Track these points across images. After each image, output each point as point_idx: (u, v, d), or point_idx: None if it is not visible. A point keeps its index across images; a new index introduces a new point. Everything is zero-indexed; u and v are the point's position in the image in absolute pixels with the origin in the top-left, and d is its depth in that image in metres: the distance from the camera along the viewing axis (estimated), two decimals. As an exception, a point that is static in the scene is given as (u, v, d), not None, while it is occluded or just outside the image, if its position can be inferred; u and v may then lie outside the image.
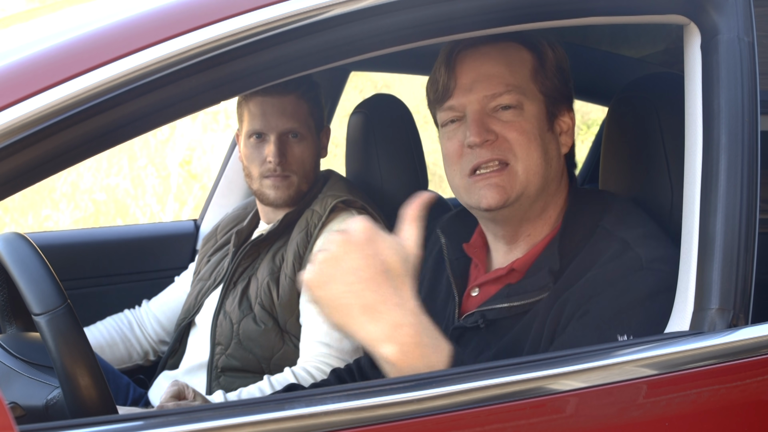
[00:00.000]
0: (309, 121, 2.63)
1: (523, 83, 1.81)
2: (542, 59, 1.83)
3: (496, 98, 1.79)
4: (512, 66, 1.81)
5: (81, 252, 3.18)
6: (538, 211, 1.83)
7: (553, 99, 1.83)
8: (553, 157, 1.82)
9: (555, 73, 1.84)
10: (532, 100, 1.80)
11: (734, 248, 1.60)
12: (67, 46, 1.42)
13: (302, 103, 2.61)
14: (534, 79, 1.82)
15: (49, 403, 1.75)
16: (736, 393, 1.64)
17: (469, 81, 1.81)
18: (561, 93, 1.85)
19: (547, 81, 1.83)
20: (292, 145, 2.60)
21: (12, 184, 1.35)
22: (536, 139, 1.78)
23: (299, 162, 2.60)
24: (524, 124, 1.78)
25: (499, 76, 1.80)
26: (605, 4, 1.67)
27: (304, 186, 2.63)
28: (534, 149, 1.78)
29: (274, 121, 2.58)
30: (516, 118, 1.78)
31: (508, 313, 1.78)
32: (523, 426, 1.51)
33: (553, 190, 1.84)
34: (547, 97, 1.82)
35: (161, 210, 7.24)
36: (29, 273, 1.73)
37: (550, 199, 1.84)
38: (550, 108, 1.83)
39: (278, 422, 1.39)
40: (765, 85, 1.68)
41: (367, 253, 1.42)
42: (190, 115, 1.55)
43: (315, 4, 1.47)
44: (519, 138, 1.77)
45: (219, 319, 2.61)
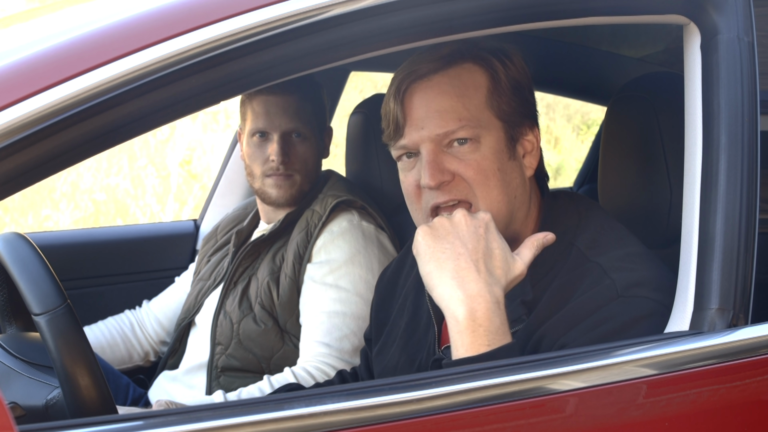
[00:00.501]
0: (312, 121, 2.63)
1: (477, 113, 1.71)
2: (496, 81, 1.73)
3: (449, 135, 1.70)
4: (465, 96, 1.71)
5: (81, 252, 3.19)
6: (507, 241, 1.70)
7: (512, 122, 1.73)
8: (517, 185, 1.74)
9: (511, 94, 1.74)
10: (488, 130, 1.71)
11: (734, 248, 1.60)
12: (67, 46, 1.42)
13: (305, 104, 2.61)
14: (489, 105, 1.72)
15: (49, 403, 1.75)
16: (736, 393, 1.64)
17: (420, 118, 1.72)
18: (520, 113, 1.75)
19: (503, 104, 1.72)
20: (295, 144, 2.60)
21: (12, 184, 1.35)
22: (495, 174, 1.70)
23: (302, 161, 2.61)
24: (481, 161, 1.70)
25: (451, 110, 1.70)
26: (605, 4, 1.67)
27: (306, 186, 2.63)
28: (494, 186, 1.70)
29: (278, 120, 2.58)
30: (472, 154, 1.70)
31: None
32: (523, 426, 1.51)
33: (522, 217, 1.77)
34: (505, 122, 1.72)
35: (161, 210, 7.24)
36: (29, 273, 1.73)
37: (519, 227, 1.77)
38: (509, 132, 1.73)
39: (278, 422, 1.39)
40: (765, 85, 1.68)
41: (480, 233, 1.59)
42: (190, 115, 1.56)
43: (315, 4, 1.47)
44: (476, 177, 1.70)
45: (219, 319, 2.61)
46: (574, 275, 1.69)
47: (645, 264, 1.71)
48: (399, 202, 2.80)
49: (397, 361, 1.92)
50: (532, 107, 1.79)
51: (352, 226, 2.54)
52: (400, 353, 1.93)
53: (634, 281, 1.66)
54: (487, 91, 1.73)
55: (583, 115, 9.45)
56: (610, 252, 1.71)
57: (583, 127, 9.36)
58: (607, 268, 1.68)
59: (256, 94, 2.60)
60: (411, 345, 1.91)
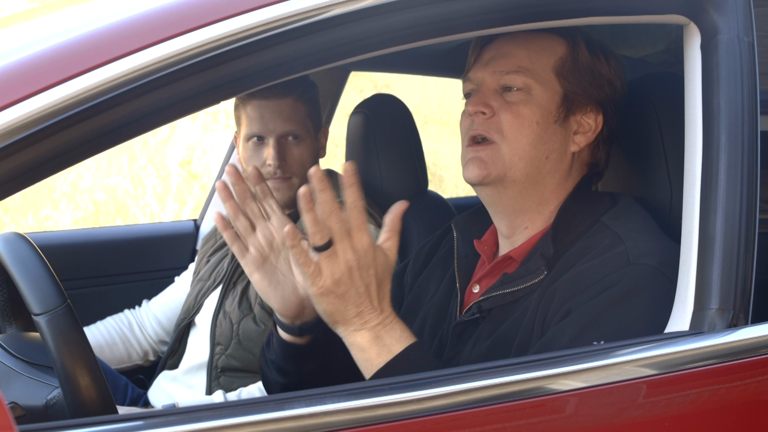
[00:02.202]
0: (307, 122, 2.62)
1: (540, 69, 1.80)
2: (574, 56, 1.82)
3: (503, 76, 1.80)
4: (535, 51, 1.82)
5: (81, 252, 3.19)
6: (533, 203, 1.82)
7: (574, 94, 1.81)
8: (553, 149, 1.80)
9: (584, 73, 1.82)
10: (544, 87, 1.80)
11: (734, 248, 1.60)
12: (67, 46, 1.42)
13: (300, 105, 2.61)
14: (556, 70, 1.81)
15: (49, 403, 1.75)
16: (736, 393, 1.64)
17: (488, 57, 1.84)
18: (586, 93, 1.82)
19: (570, 76, 1.81)
20: (291, 147, 2.59)
21: (12, 184, 1.35)
22: (532, 126, 1.77)
23: (299, 163, 2.60)
24: (523, 109, 1.78)
25: (514, 56, 1.81)
26: (605, 4, 1.67)
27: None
28: (525, 135, 1.77)
29: (272, 124, 2.57)
30: (518, 100, 1.78)
31: (502, 301, 1.78)
32: (523, 426, 1.51)
33: (553, 185, 1.82)
34: (567, 90, 1.81)
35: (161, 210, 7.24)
36: (29, 273, 1.72)
37: (549, 193, 1.83)
38: (567, 103, 1.81)
39: (278, 422, 1.39)
40: (765, 85, 1.68)
41: (364, 262, 1.59)
42: (190, 115, 1.55)
43: (315, 4, 1.47)
44: (512, 120, 1.77)
45: (219, 319, 2.61)
46: (594, 240, 1.75)
47: (660, 238, 1.75)
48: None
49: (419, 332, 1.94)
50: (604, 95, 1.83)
51: (352, 226, 2.54)
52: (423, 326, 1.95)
53: (648, 250, 1.70)
54: (560, 59, 1.82)
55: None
56: (629, 224, 1.76)
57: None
58: (623, 236, 1.73)
59: (249, 98, 2.59)
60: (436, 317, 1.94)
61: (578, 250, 1.74)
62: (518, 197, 1.82)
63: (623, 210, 1.81)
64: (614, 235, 1.74)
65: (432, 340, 1.92)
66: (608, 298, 1.66)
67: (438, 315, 1.94)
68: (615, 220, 1.78)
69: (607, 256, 1.70)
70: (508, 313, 1.77)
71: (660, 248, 1.71)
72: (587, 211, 1.81)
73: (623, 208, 1.81)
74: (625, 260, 1.69)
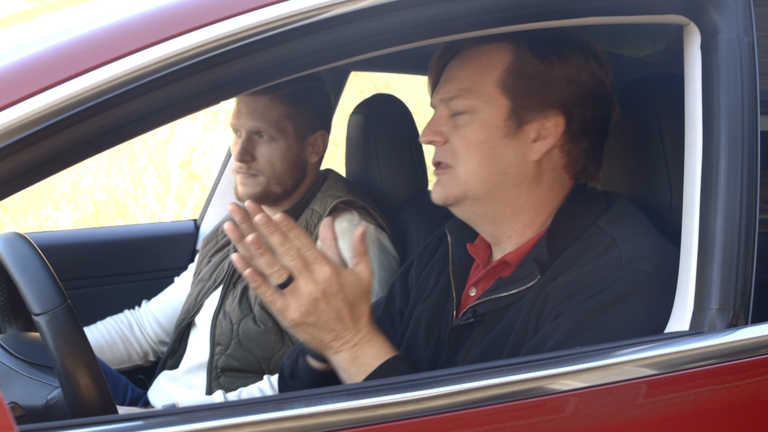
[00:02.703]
0: (284, 123, 2.58)
1: (482, 87, 1.79)
2: (519, 64, 1.79)
3: (449, 102, 1.82)
4: (477, 69, 1.81)
5: (81, 252, 3.18)
6: (508, 215, 1.82)
7: (526, 105, 1.78)
8: (509, 163, 1.78)
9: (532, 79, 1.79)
10: (489, 105, 1.78)
11: (734, 248, 1.60)
12: (67, 46, 1.42)
13: (276, 105, 2.57)
14: (502, 84, 1.78)
15: (49, 403, 1.75)
16: (736, 393, 1.64)
17: (441, 82, 1.87)
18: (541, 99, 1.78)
19: (518, 87, 1.78)
20: (260, 144, 2.58)
21: (12, 184, 1.35)
22: (479, 146, 1.78)
23: (267, 162, 2.57)
24: (468, 131, 1.79)
25: (457, 78, 1.82)
26: (605, 4, 1.67)
27: (275, 188, 2.60)
28: (474, 156, 1.78)
29: (243, 118, 2.59)
30: (464, 123, 1.79)
31: (497, 305, 1.78)
32: (523, 426, 1.51)
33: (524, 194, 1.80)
34: (514, 102, 1.78)
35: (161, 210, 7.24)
36: (29, 273, 1.72)
37: (524, 203, 1.81)
38: (516, 113, 1.78)
39: (278, 422, 1.39)
40: (765, 85, 1.68)
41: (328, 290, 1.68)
42: (190, 115, 1.56)
43: (315, 4, 1.47)
44: (460, 143, 1.79)
45: (219, 320, 2.61)
46: (588, 244, 1.74)
47: (656, 243, 1.74)
48: (399, 202, 2.81)
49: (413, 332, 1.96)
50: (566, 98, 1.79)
51: (352, 227, 2.54)
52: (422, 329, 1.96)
53: (642, 254, 1.69)
54: (503, 71, 1.79)
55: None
56: (625, 227, 1.75)
57: (583, 127, 9.35)
58: (618, 239, 1.72)
59: None
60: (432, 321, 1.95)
61: (573, 254, 1.74)
62: (488, 211, 1.83)
63: (620, 212, 1.80)
64: (610, 238, 1.73)
65: (428, 341, 1.92)
66: (599, 301, 1.65)
67: (433, 316, 1.95)
68: (611, 224, 1.77)
69: (601, 261, 1.70)
70: (501, 316, 1.77)
71: (655, 251, 1.71)
72: (583, 214, 1.80)
73: (620, 211, 1.80)
74: (619, 264, 1.68)
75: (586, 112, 1.82)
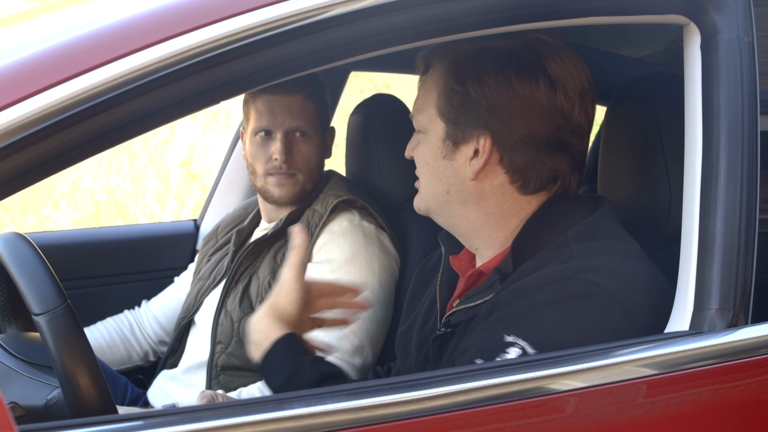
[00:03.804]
0: (315, 120, 2.64)
1: (428, 108, 1.82)
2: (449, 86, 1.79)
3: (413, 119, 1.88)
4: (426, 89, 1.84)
5: (81, 252, 3.18)
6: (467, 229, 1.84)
7: (455, 125, 1.78)
8: (451, 183, 1.80)
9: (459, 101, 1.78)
10: (433, 126, 1.81)
11: (734, 248, 1.60)
12: (67, 46, 1.42)
13: (309, 103, 2.62)
14: (438, 106, 1.80)
15: (49, 403, 1.75)
16: (736, 393, 1.64)
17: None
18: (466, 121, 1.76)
19: (447, 107, 1.79)
20: (298, 143, 2.60)
21: (12, 184, 1.35)
22: (426, 164, 1.84)
23: (305, 160, 2.61)
24: (419, 149, 1.85)
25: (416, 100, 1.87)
26: (605, 4, 1.67)
27: (308, 185, 2.63)
28: (424, 173, 1.85)
29: (281, 118, 2.59)
30: (418, 141, 1.86)
31: (465, 316, 1.78)
32: (523, 426, 1.51)
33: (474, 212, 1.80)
34: (448, 124, 1.79)
35: (161, 210, 7.23)
36: (29, 273, 1.72)
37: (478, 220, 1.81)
38: (451, 135, 1.79)
39: (278, 422, 1.39)
40: (765, 85, 1.68)
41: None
42: (190, 115, 1.56)
43: (315, 4, 1.47)
44: (417, 161, 1.87)
45: (220, 318, 2.61)
46: (548, 256, 1.72)
47: (620, 259, 1.70)
48: (399, 202, 2.80)
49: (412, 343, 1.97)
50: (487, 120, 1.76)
51: (352, 226, 2.54)
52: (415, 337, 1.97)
53: (592, 266, 1.66)
54: (438, 94, 1.82)
55: (583, 115, 9.44)
56: (591, 242, 1.72)
57: (583, 127, 9.35)
58: (576, 252, 1.70)
59: (260, 93, 2.61)
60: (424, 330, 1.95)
61: (530, 265, 1.72)
62: (450, 224, 1.88)
63: (593, 225, 1.75)
64: (569, 250, 1.70)
65: (419, 351, 1.92)
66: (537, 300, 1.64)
67: (423, 326, 1.95)
68: (578, 237, 1.73)
69: (552, 270, 1.67)
70: (469, 327, 1.77)
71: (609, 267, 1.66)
72: (555, 225, 1.76)
73: (594, 224, 1.76)
74: (565, 275, 1.66)
75: (516, 129, 1.76)
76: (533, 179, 1.79)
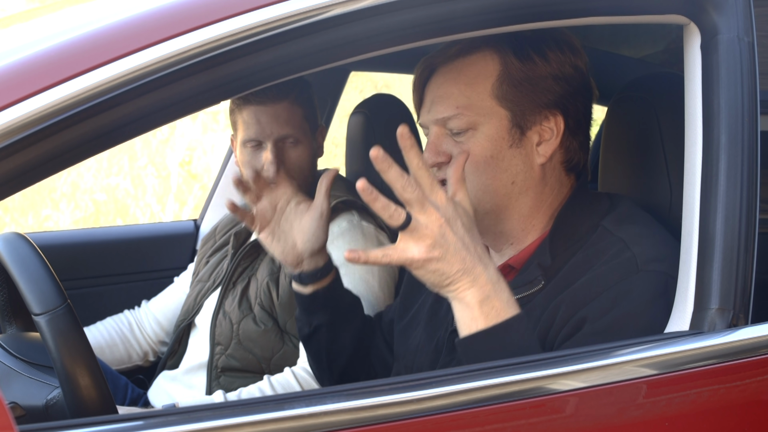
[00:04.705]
0: (304, 124, 2.60)
1: (478, 101, 1.77)
2: (508, 71, 1.77)
3: (447, 122, 1.78)
4: (468, 83, 1.78)
5: (81, 252, 3.19)
6: (515, 224, 1.81)
7: (521, 110, 1.77)
8: (517, 172, 1.77)
9: (523, 84, 1.77)
10: (488, 118, 1.76)
11: (734, 248, 1.60)
12: (67, 46, 1.42)
13: (296, 108, 2.58)
14: (495, 94, 1.77)
15: (49, 403, 1.75)
16: (736, 393, 1.64)
17: (429, 101, 1.83)
18: (537, 102, 1.77)
19: (510, 93, 1.77)
20: (288, 150, 2.57)
21: (12, 184, 1.35)
22: (487, 161, 1.76)
23: (297, 167, 2.58)
24: (474, 148, 1.76)
25: (450, 96, 1.78)
26: (605, 4, 1.67)
27: (303, 189, 2.62)
28: (483, 172, 1.76)
29: (269, 128, 2.55)
30: (468, 140, 1.77)
31: None
32: (523, 426, 1.51)
33: (531, 200, 1.80)
34: (510, 110, 1.77)
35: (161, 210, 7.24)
36: (29, 273, 1.73)
37: (528, 209, 1.80)
38: (515, 120, 1.77)
39: (278, 422, 1.39)
40: (765, 85, 1.68)
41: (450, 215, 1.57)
42: (190, 115, 1.56)
43: (315, 4, 1.47)
44: (468, 161, 1.75)
45: (219, 319, 2.61)
46: (598, 248, 1.73)
47: (665, 241, 1.74)
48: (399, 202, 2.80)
49: (419, 341, 1.96)
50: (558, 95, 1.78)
51: (352, 226, 2.54)
52: (422, 333, 1.96)
53: (655, 256, 1.68)
54: (496, 79, 1.78)
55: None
56: (632, 228, 1.74)
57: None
58: (629, 242, 1.71)
59: (245, 103, 2.56)
60: (432, 325, 1.95)
61: (582, 260, 1.72)
62: (495, 224, 1.82)
63: (625, 214, 1.79)
64: (619, 240, 1.72)
65: (429, 345, 1.91)
66: (626, 308, 1.64)
67: (437, 324, 1.93)
68: (617, 225, 1.76)
69: (614, 263, 1.68)
70: None
71: (668, 253, 1.69)
72: (584, 215, 1.79)
73: (625, 212, 1.79)
74: (634, 267, 1.67)
75: (578, 105, 1.82)
76: (576, 159, 1.84)
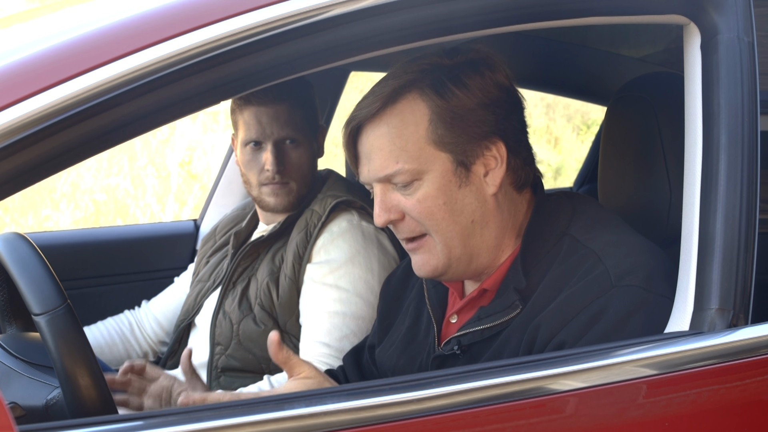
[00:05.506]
0: (304, 126, 2.60)
1: (416, 152, 1.71)
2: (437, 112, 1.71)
3: (391, 178, 1.73)
4: (404, 136, 1.72)
5: (81, 252, 3.18)
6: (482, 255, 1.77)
7: (460, 148, 1.71)
8: (474, 210, 1.73)
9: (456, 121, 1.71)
10: (431, 165, 1.71)
11: (734, 248, 1.60)
12: (67, 46, 1.42)
13: (296, 110, 2.58)
14: (430, 140, 1.71)
15: (49, 403, 1.75)
16: (736, 393, 1.64)
17: (365, 157, 1.76)
18: (471, 136, 1.72)
19: (446, 135, 1.71)
20: (289, 151, 2.58)
21: (12, 184, 1.36)
22: (440, 208, 1.72)
23: (297, 168, 2.59)
24: (424, 199, 1.71)
25: (384, 149, 1.72)
26: (605, 4, 1.67)
27: (303, 190, 2.62)
28: (441, 219, 1.72)
29: (270, 129, 2.56)
30: (415, 192, 1.72)
31: (481, 337, 1.75)
32: (523, 426, 1.51)
33: (494, 231, 1.76)
34: (450, 152, 1.71)
35: (161, 210, 7.24)
36: (29, 273, 1.72)
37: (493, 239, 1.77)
38: (458, 160, 1.71)
39: (278, 422, 1.39)
40: (765, 85, 1.68)
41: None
42: (190, 115, 1.56)
43: (315, 4, 1.47)
44: (421, 214, 1.72)
45: (218, 320, 2.61)
46: (570, 263, 1.70)
47: (639, 249, 1.71)
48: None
49: (395, 362, 1.94)
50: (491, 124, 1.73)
51: (351, 227, 2.54)
52: (399, 356, 1.94)
53: (627, 269, 1.66)
54: (428, 125, 1.72)
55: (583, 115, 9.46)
56: (604, 237, 1.72)
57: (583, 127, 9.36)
58: (601, 254, 1.69)
59: (246, 104, 2.57)
60: (412, 348, 1.93)
61: (556, 277, 1.70)
62: (469, 264, 1.77)
63: (593, 219, 1.76)
64: (591, 253, 1.69)
65: (411, 368, 1.89)
66: (601, 330, 1.62)
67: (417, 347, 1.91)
68: (586, 233, 1.72)
69: (588, 280, 1.66)
70: (486, 347, 1.75)
71: (641, 262, 1.67)
72: (549, 227, 1.76)
73: (592, 218, 1.76)
74: (608, 283, 1.65)
75: (513, 123, 1.76)
76: (522, 172, 1.79)
